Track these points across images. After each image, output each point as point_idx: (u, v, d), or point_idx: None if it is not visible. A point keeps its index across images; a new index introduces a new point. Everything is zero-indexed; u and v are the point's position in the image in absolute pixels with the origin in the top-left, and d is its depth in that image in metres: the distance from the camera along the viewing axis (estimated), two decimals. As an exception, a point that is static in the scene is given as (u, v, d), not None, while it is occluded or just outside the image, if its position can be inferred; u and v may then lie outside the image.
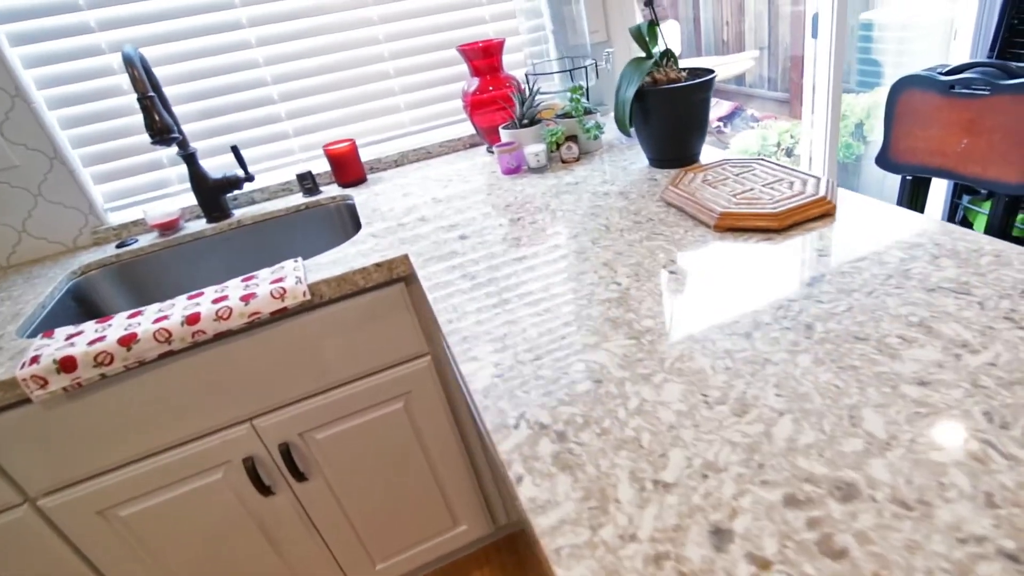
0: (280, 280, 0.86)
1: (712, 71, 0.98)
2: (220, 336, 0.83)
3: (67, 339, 0.80)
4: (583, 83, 1.37)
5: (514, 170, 1.23)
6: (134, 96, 1.22)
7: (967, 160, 1.57)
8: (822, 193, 0.78)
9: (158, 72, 1.21)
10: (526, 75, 1.41)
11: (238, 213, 1.29)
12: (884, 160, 1.68)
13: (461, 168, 1.35)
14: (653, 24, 1.00)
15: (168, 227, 1.23)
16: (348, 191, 1.33)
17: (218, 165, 1.32)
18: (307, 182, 1.32)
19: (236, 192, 1.30)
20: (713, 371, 0.51)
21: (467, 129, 1.53)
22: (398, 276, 0.91)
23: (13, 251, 1.21)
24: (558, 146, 1.21)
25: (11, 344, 0.85)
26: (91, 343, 0.77)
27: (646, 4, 0.96)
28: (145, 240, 1.22)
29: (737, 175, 0.90)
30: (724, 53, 4.44)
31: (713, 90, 1.00)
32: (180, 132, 1.16)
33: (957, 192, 2.12)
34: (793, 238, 0.73)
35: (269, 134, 1.36)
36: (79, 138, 1.21)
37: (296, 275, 0.86)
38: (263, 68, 1.30)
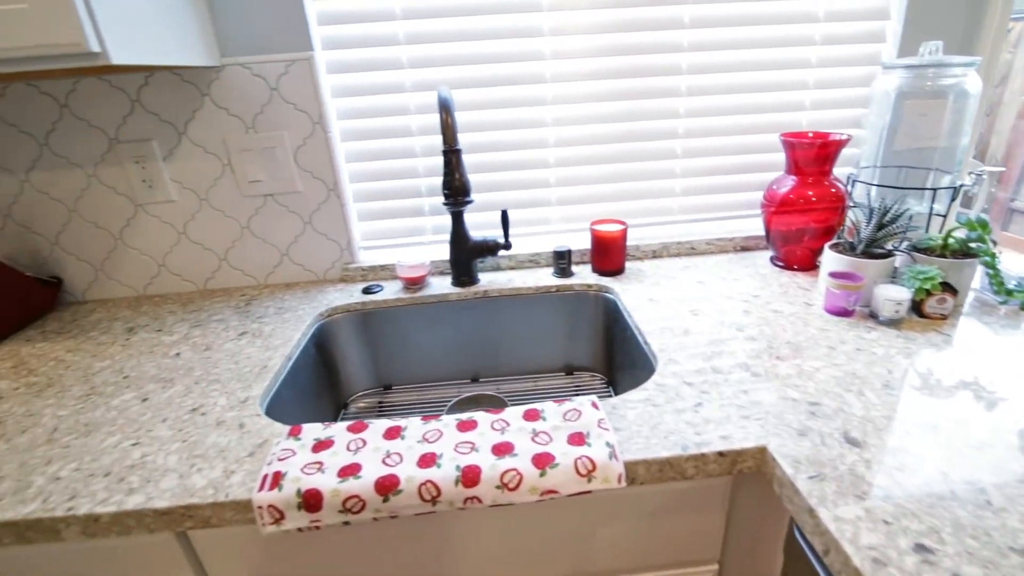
0: (582, 440, 0.57)
1: None
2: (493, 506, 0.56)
3: (314, 449, 0.58)
4: (936, 207, 0.95)
5: (844, 312, 0.84)
6: (417, 139, 1.05)
7: None
8: None
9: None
10: (849, 179, 1.03)
11: (484, 280, 1.06)
12: None
13: (744, 279, 0.99)
14: None
15: (415, 282, 1.03)
16: (605, 280, 1.04)
17: (474, 222, 1.12)
18: (563, 261, 1.05)
19: (487, 257, 1.08)
20: None
21: (740, 227, 1.18)
22: (738, 471, 0.58)
23: (272, 271, 1.09)
24: (928, 294, 0.80)
25: (255, 424, 0.65)
26: (342, 474, 0.54)
27: None
28: (389, 290, 1.04)
29: None
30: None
31: None
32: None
33: None
34: None
35: (530, 198, 1.13)
36: (357, 173, 1.06)
37: (605, 440, 0.56)
38: (549, 127, 1.07)
